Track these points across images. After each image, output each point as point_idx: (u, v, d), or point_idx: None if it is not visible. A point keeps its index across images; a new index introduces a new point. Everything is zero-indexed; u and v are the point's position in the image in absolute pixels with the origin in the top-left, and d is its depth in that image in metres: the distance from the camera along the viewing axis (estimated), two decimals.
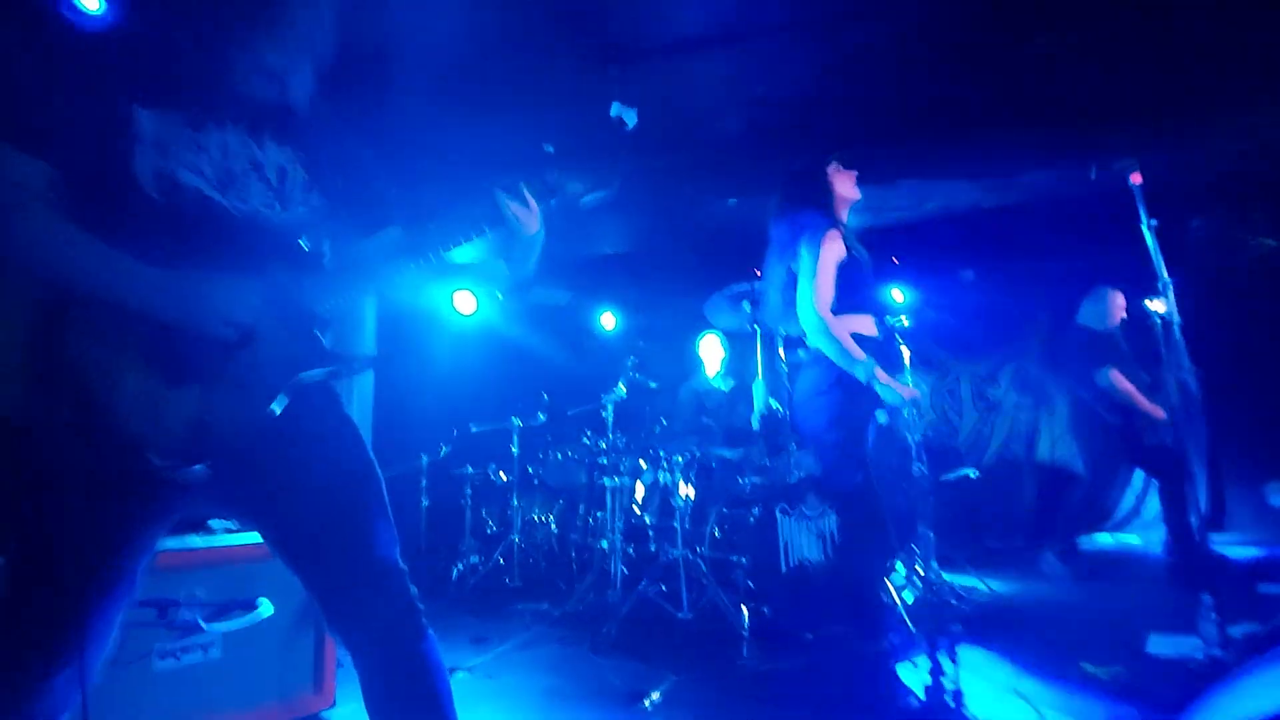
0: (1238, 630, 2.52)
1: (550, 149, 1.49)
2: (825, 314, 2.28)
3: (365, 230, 1.31)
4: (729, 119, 4.03)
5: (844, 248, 2.36)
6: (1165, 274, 2.13)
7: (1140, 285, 2.62)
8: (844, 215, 2.52)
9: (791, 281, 2.41)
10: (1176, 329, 2.14)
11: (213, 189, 1.10)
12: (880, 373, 2.25)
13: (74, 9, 2.10)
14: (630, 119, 3.43)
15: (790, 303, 2.41)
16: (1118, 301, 4.10)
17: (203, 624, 1.88)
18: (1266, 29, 3.39)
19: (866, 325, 2.38)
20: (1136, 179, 2.16)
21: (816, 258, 2.30)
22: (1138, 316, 3.42)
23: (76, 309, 1.01)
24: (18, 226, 0.99)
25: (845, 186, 2.51)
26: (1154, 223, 2.18)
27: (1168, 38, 3.44)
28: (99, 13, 2.17)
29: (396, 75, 3.12)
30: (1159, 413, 3.75)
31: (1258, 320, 4.72)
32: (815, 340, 2.31)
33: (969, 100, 3.89)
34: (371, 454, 1.22)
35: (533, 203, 1.28)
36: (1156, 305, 2.26)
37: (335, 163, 1.26)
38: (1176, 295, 2.19)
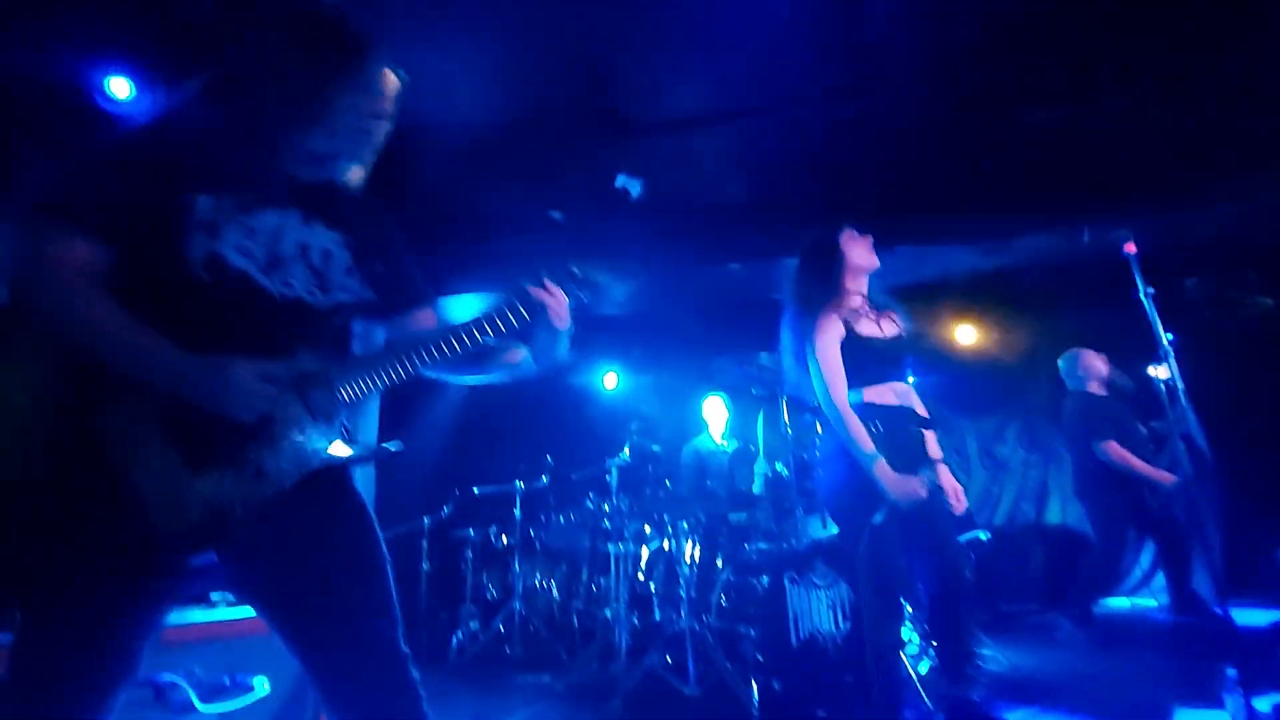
0: (1264, 702, 2.44)
1: (559, 216, 1.53)
2: (839, 405, 2.28)
3: (395, 312, 1.33)
4: (730, 187, 4.16)
5: (842, 327, 2.35)
6: (1165, 341, 2.16)
7: (1141, 346, 2.64)
8: (859, 284, 2.47)
9: (801, 351, 2.43)
10: (1181, 394, 2.15)
11: (259, 272, 1.12)
12: (882, 468, 2.22)
13: (107, 98, 2.21)
14: (635, 189, 3.56)
15: (803, 370, 2.42)
16: (1090, 362, 4.12)
17: (198, 704, 1.82)
18: (1251, 98, 3.54)
19: (883, 394, 2.37)
20: (1130, 249, 2.21)
21: (814, 349, 2.32)
22: (1141, 378, 3.44)
23: (107, 382, 1.03)
24: (75, 310, 1.02)
25: (860, 255, 2.46)
26: (1150, 290, 2.21)
27: (1157, 110, 3.58)
28: (129, 99, 2.28)
29: (424, 152, 3.24)
30: (1165, 478, 3.72)
31: (1259, 380, 4.73)
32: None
33: (964, 169, 4.01)
34: (381, 540, 1.21)
35: (560, 294, 1.26)
36: (1159, 371, 2.27)
37: (374, 244, 1.28)
38: (1176, 355, 2.21)
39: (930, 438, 2.43)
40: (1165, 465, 3.85)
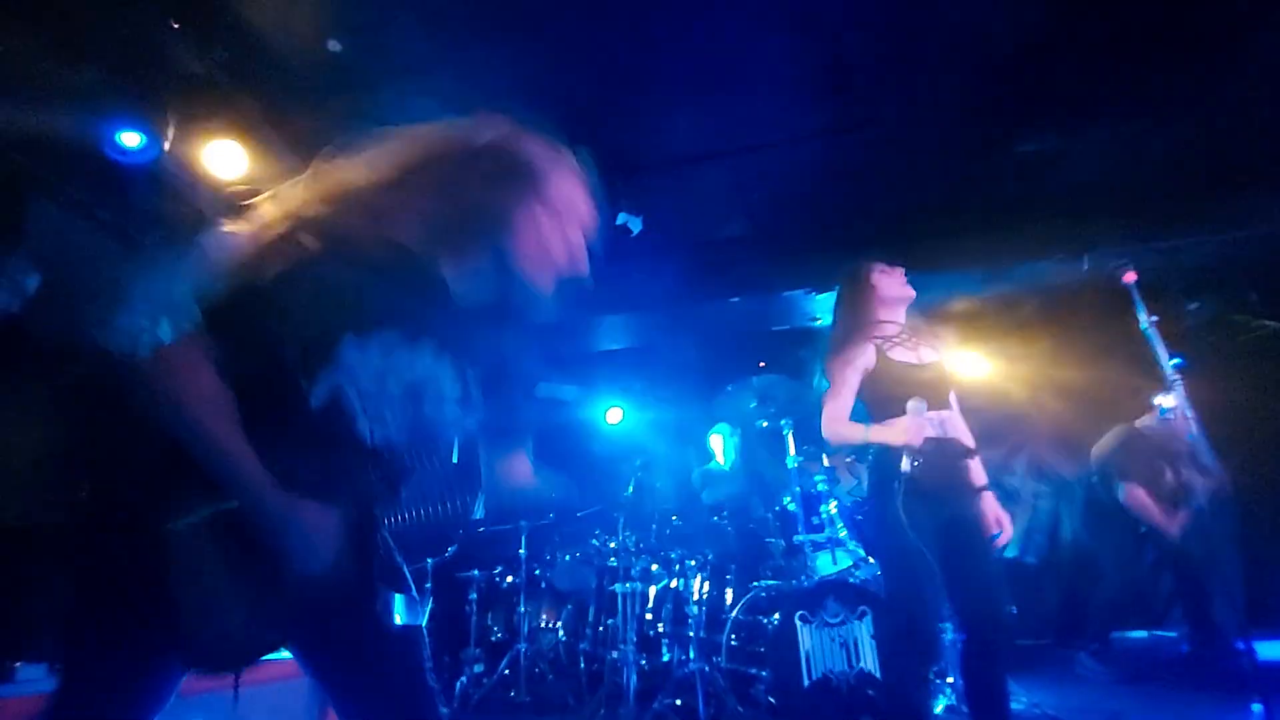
0: None
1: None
2: (828, 427, 2.34)
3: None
4: (731, 221, 4.20)
5: (871, 355, 2.36)
6: (1171, 369, 2.14)
7: (1146, 373, 2.62)
8: (895, 314, 2.48)
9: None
10: (1193, 423, 2.12)
11: (371, 418, 1.10)
12: (876, 430, 2.28)
13: (118, 149, 2.27)
14: (635, 226, 3.60)
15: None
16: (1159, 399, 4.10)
17: None
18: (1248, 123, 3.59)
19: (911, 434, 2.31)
20: (1130, 278, 2.21)
21: (823, 370, 2.38)
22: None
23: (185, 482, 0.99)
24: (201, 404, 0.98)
25: (892, 287, 2.48)
26: (1153, 319, 2.21)
27: (1155, 136, 3.64)
28: (140, 147, 2.33)
29: None
30: (1173, 531, 3.79)
31: (1266, 404, 4.69)
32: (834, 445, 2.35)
33: (962, 199, 4.06)
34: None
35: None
36: (1166, 400, 2.26)
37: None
38: (1183, 382, 2.19)
39: (975, 465, 2.40)
40: (1185, 516, 3.84)
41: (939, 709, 3.10)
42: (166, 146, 2.53)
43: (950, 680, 3.05)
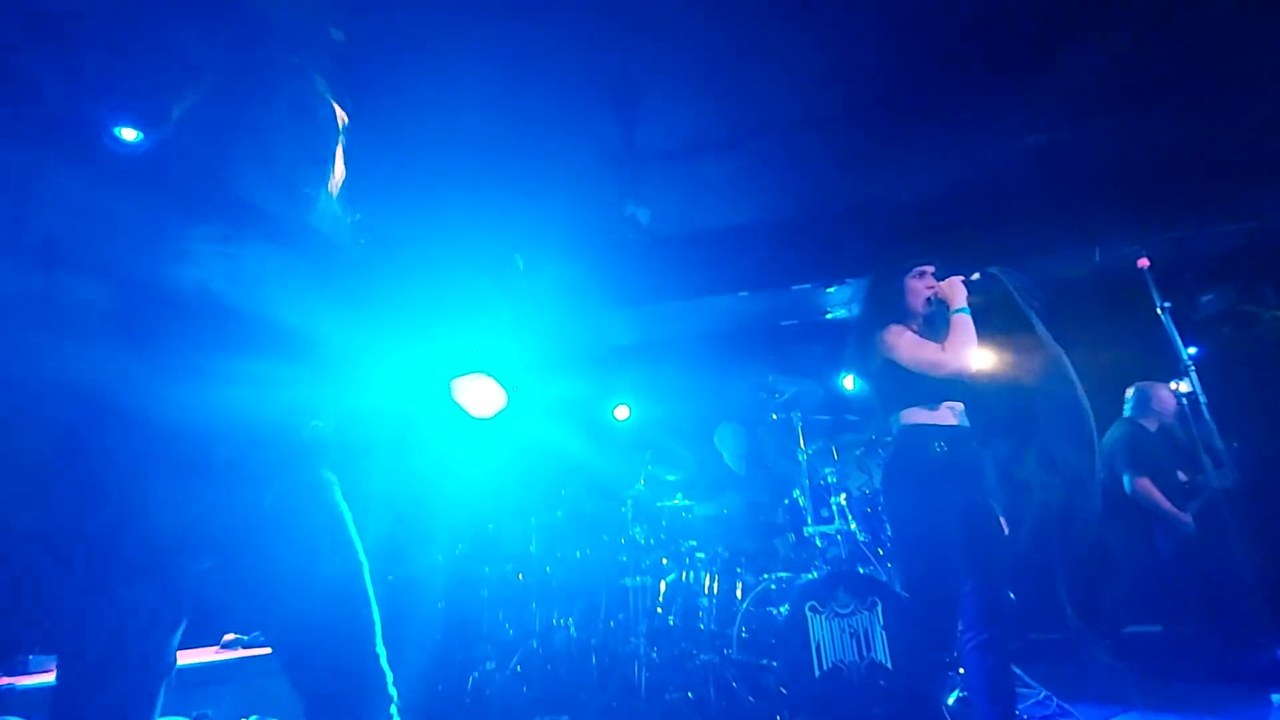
0: None
1: (519, 261, 1.61)
2: (947, 364, 2.35)
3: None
4: (739, 214, 4.20)
5: (911, 334, 2.40)
6: (1186, 355, 2.13)
7: (1158, 363, 2.62)
8: (922, 309, 2.53)
9: (867, 367, 2.48)
10: (1204, 409, 2.11)
11: (234, 293, 1.16)
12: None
13: (116, 140, 2.30)
14: (644, 218, 3.60)
15: (871, 382, 2.49)
16: (1162, 399, 4.12)
17: None
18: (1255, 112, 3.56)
19: (943, 415, 2.39)
20: (1144, 264, 2.20)
21: (888, 351, 2.39)
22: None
23: (110, 416, 1.06)
24: (78, 345, 1.06)
25: (922, 286, 2.54)
26: (1168, 305, 2.20)
27: (1172, 127, 3.61)
28: (137, 141, 2.37)
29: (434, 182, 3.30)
30: (1185, 520, 3.83)
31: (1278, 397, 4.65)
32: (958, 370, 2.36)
33: (972, 190, 4.04)
34: (358, 544, 1.25)
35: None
36: (1181, 386, 2.24)
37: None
38: (1196, 371, 2.18)
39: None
40: (1191, 513, 3.88)
41: (951, 700, 3.09)
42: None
43: (962, 671, 3.04)
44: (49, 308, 1.08)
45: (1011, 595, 2.40)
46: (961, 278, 2.48)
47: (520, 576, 4.38)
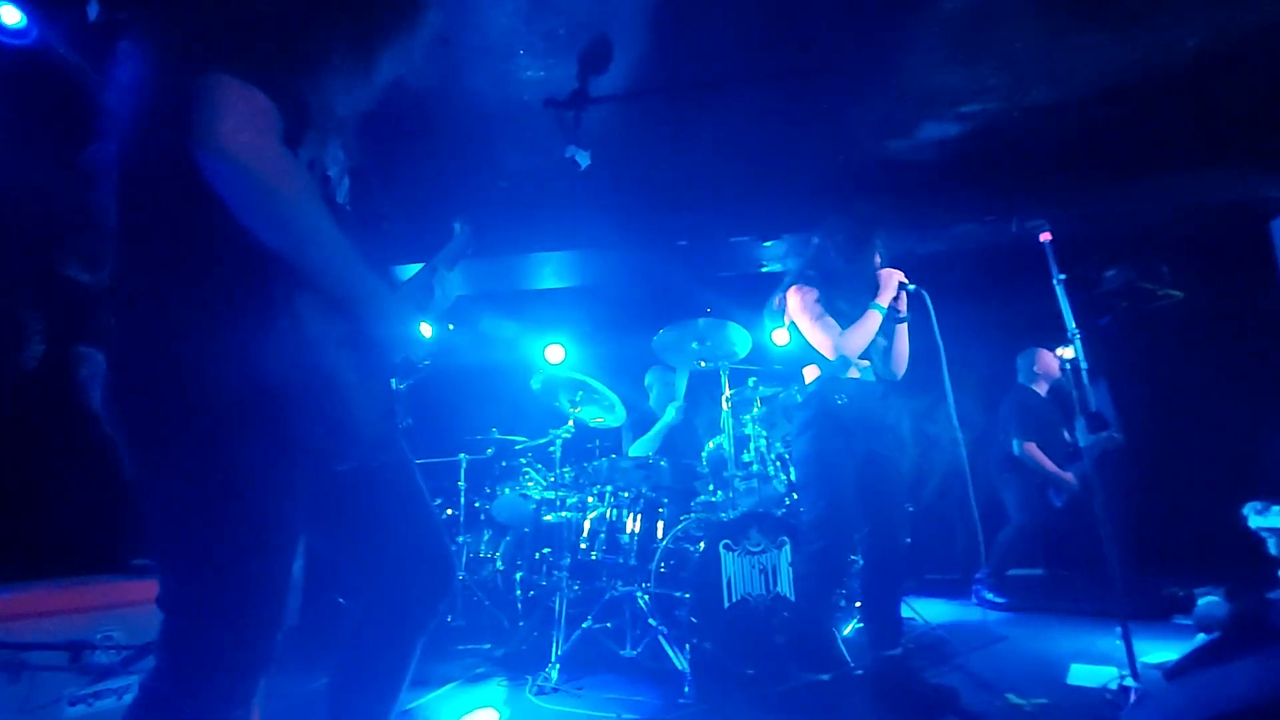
0: (1153, 659, 2.68)
1: (459, 227, 1.60)
2: (842, 346, 2.51)
3: None
4: (681, 161, 4.18)
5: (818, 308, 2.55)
6: (1073, 324, 2.31)
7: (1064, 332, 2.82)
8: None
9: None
10: (1084, 374, 2.31)
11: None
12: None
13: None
14: (584, 160, 3.55)
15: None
16: (1046, 363, 4.43)
17: (121, 668, 1.79)
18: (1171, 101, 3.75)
19: (850, 370, 2.56)
20: (1046, 237, 2.35)
21: (801, 309, 2.60)
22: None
23: (308, 294, 1.04)
24: (317, 208, 1.02)
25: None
26: (1063, 277, 2.36)
27: (1087, 108, 3.77)
28: (19, 27, 2.21)
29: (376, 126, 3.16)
30: (1068, 479, 4.20)
31: (1168, 366, 5.08)
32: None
33: (906, 157, 4.14)
34: None
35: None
36: (1066, 352, 2.43)
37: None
38: (1097, 343, 2.38)
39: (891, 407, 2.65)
40: (1076, 472, 4.25)
41: (847, 630, 3.37)
42: None
43: (859, 605, 3.30)
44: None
45: (908, 540, 2.60)
46: (901, 277, 2.56)
47: (448, 511, 4.43)
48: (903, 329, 2.63)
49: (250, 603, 1.01)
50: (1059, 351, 2.72)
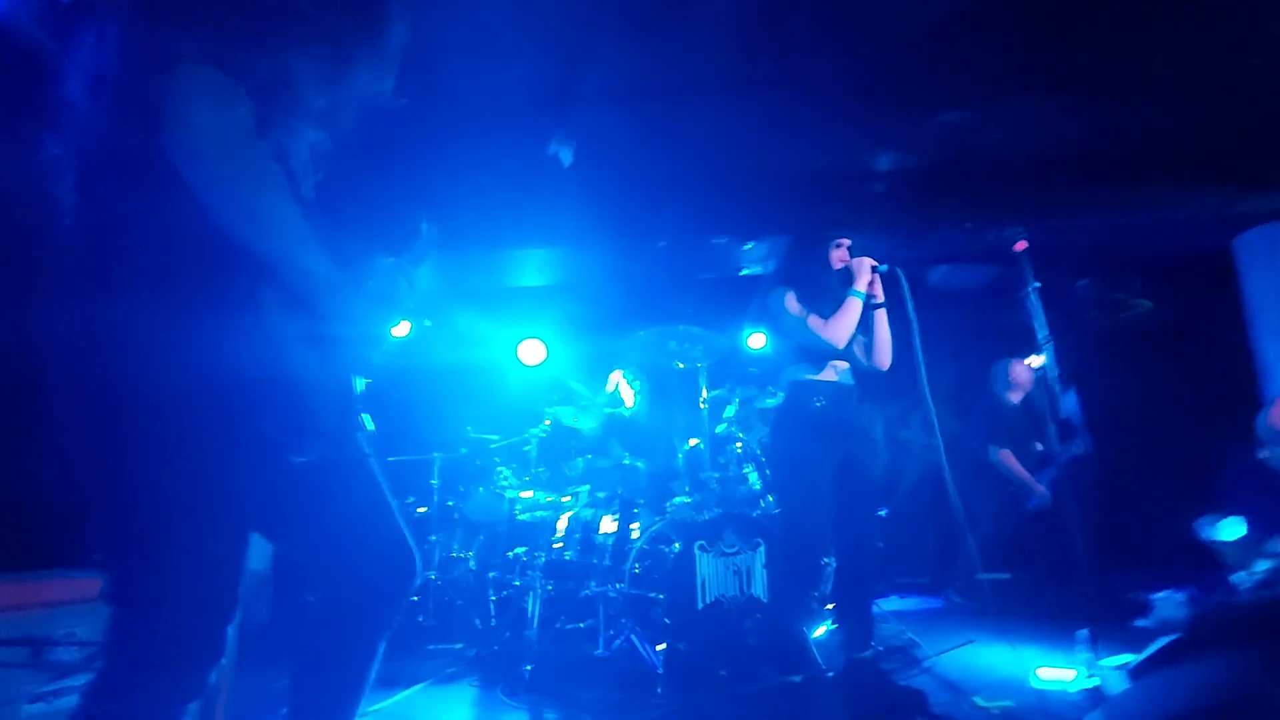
0: (1114, 661, 2.74)
1: (426, 227, 1.60)
2: (829, 335, 2.52)
3: None
4: (661, 162, 4.19)
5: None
6: (1045, 331, 2.35)
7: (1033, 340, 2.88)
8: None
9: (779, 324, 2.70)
10: (1055, 382, 2.35)
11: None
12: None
13: None
14: (566, 157, 3.54)
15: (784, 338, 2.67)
16: (1017, 374, 4.52)
17: (83, 665, 1.74)
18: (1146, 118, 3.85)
19: (827, 373, 2.58)
20: (1021, 247, 2.39)
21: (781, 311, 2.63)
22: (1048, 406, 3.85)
23: (270, 287, 1.03)
24: (282, 197, 1.02)
25: (836, 257, 2.70)
26: (1037, 285, 2.40)
27: (1065, 120, 3.85)
28: None
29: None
30: (1039, 489, 4.31)
31: (1136, 374, 5.21)
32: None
33: (881, 164, 4.19)
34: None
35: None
36: (1038, 360, 2.48)
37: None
38: (1069, 351, 2.42)
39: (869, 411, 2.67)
40: (1046, 481, 4.36)
41: (819, 633, 3.39)
42: None
43: (831, 606, 3.33)
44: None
45: (880, 545, 2.63)
46: (873, 262, 2.60)
47: (421, 510, 4.38)
48: (881, 316, 2.65)
49: (196, 592, 1.00)
50: (1029, 360, 2.78)
